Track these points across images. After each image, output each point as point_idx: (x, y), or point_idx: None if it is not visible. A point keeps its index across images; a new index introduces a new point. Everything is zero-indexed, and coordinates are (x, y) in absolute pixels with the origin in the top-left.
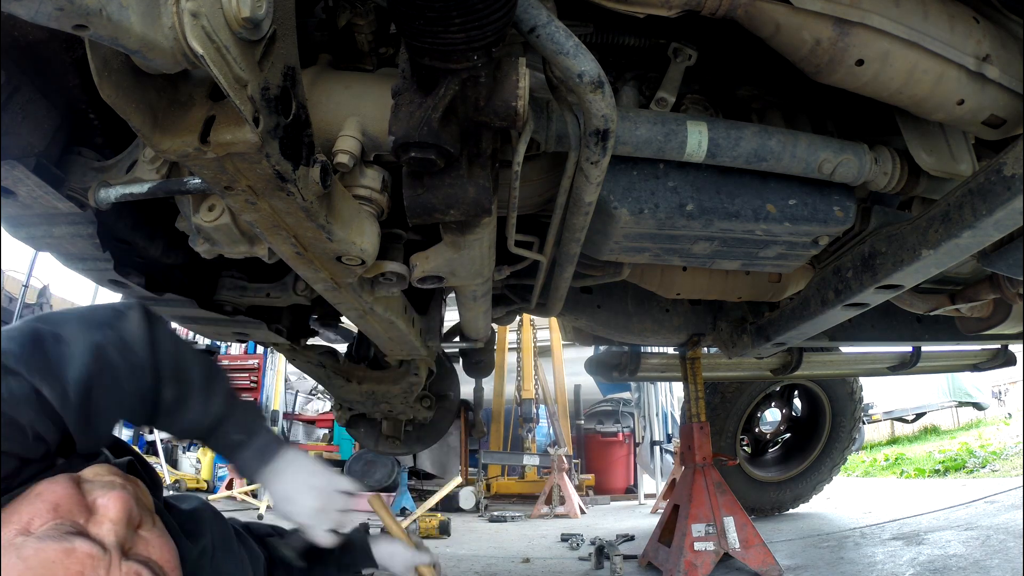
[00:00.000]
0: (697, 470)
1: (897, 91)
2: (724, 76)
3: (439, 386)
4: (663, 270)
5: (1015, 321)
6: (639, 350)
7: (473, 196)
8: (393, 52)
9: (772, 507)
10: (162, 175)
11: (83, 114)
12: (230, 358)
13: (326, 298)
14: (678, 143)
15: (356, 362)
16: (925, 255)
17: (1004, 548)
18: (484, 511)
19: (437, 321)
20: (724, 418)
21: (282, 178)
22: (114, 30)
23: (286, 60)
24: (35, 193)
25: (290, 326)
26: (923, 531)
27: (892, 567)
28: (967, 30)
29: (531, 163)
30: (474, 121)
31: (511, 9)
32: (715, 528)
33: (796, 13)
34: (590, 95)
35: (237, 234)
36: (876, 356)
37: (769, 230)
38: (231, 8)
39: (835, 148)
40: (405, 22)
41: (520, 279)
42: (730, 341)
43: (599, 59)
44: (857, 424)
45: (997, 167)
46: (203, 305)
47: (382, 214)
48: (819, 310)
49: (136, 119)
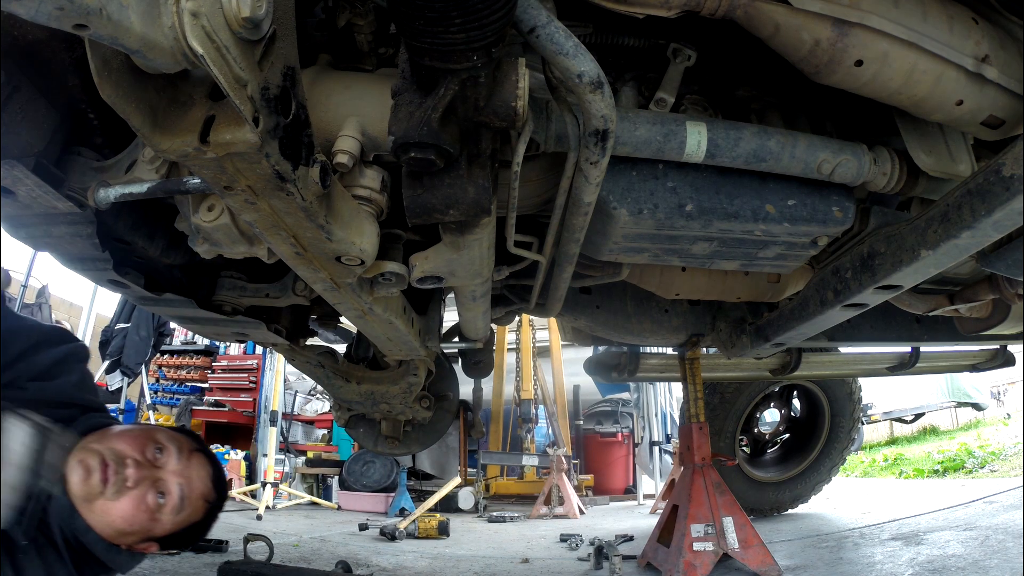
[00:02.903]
0: (696, 470)
1: (896, 91)
2: (723, 77)
3: (438, 386)
4: (662, 270)
5: (1014, 321)
6: (638, 350)
7: (472, 196)
8: (393, 52)
9: (771, 507)
10: (161, 175)
11: (83, 114)
12: (229, 358)
13: (325, 298)
14: (677, 143)
15: (355, 362)
16: (924, 255)
17: (1003, 548)
18: (483, 511)
19: (436, 321)
20: (723, 418)
21: (282, 178)
22: (114, 30)
23: (286, 60)
24: (34, 193)
25: (289, 326)
26: (922, 531)
27: (891, 567)
28: (966, 30)
29: (530, 163)
30: (474, 121)
31: (511, 9)
32: (714, 528)
33: (795, 14)
34: (589, 95)
35: (236, 234)
36: (875, 356)
37: (768, 230)
38: (231, 8)
39: (834, 148)
40: (405, 22)
41: (519, 279)
42: (729, 341)
43: (598, 59)
44: (856, 424)
45: (996, 168)
46: (202, 305)
47: (381, 214)
48: (818, 310)
49: (136, 119)
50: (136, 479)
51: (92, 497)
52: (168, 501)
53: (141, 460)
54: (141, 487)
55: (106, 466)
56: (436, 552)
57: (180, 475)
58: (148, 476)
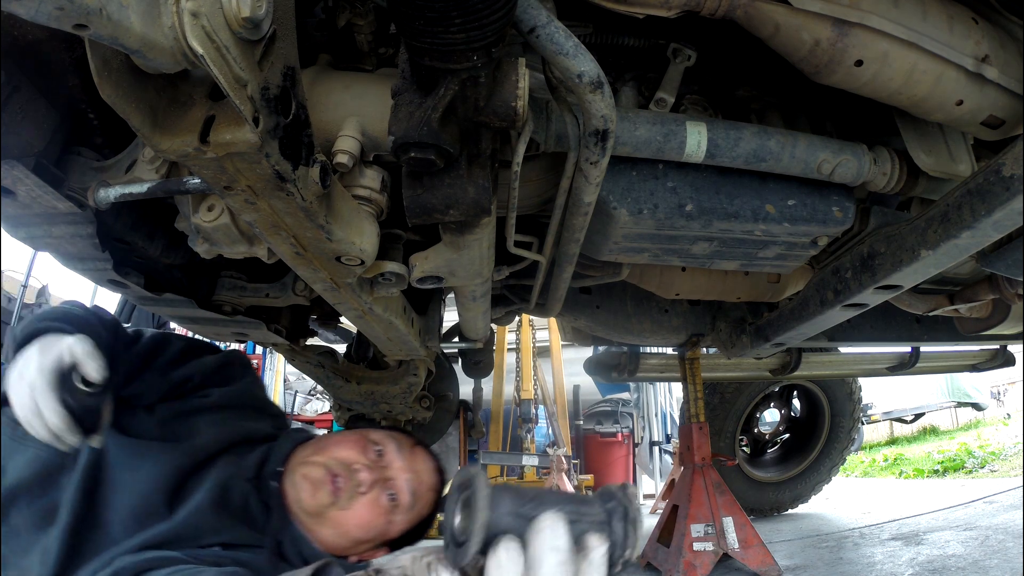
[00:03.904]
0: (696, 470)
1: (896, 91)
2: (723, 77)
3: (438, 386)
4: (662, 270)
5: (1014, 321)
6: (638, 350)
7: (472, 196)
8: (393, 52)
9: (771, 507)
10: (161, 175)
11: (83, 114)
12: None
13: (325, 298)
14: (677, 143)
15: (355, 362)
16: (924, 255)
17: (1003, 548)
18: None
19: (436, 321)
20: (723, 418)
21: (282, 178)
22: (114, 30)
23: (286, 60)
24: (34, 193)
25: (289, 326)
26: (922, 531)
27: (891, 567)
28: (966, 30)
29: (530, 163)
30: (474, 121)
31: (511, 9)
32: (714, 528)
33: (795, 14)
34: (589, 95)
35: (236, 234)
36: (875, 356)
37: (768, 230)
38: (231, 8)
39: (834, 148)
40: (405, 22)
41: (519, 279)
42: (729, 341)
43: (598, 59)
44: (856, 424)
45: (996, 168)
46: (202, 305)
47: (381, 214)
48: (818, 310)
49: (136, 119)
50: (369, 482)
51: (324, 510)
52: (400, 500)
53: (368, 463)
54: (374, 490)
55: (334, 476)
56: None
57: (408, 471)
58: (379, 478)
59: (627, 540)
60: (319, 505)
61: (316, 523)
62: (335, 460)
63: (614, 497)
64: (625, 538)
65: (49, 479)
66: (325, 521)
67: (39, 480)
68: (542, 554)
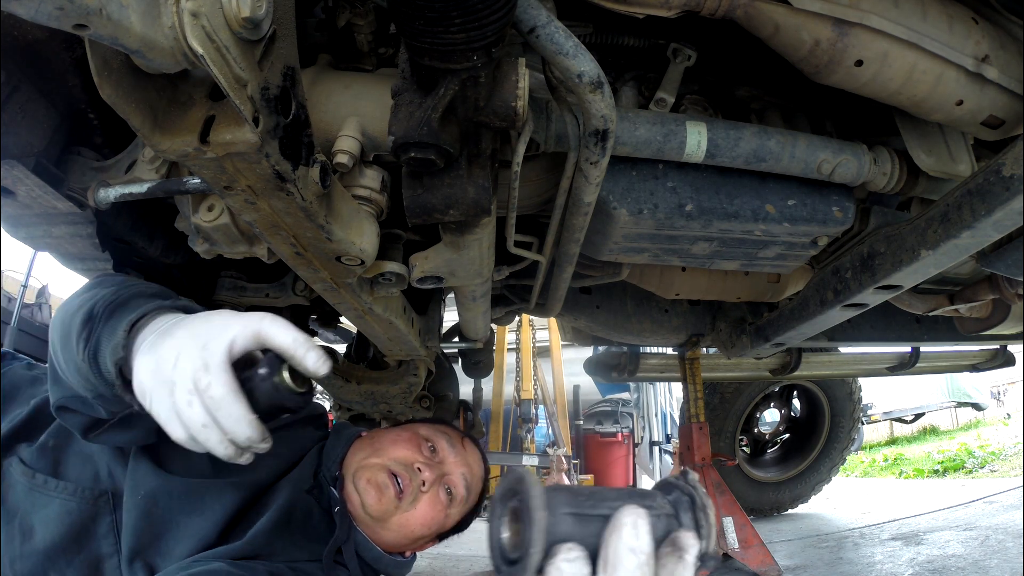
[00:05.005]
0: (696, 470)
1: (896, 91)
2: (723, 76)
3: (438, 386)
4: (662, 270)
5: (1014, 321)
6: (638, 350)
7: (472, 196)
8: (393, 52)
9: (771, 507)
10: (161, 175)
11: (83, 114)
12: None
13: (325, 298)
14: (677, 143)
15: (355, 362)
16: (924, 255)
17: (1003, 548)
18: (483, 511)
19: (436, 321)
20: (723, 418)
21: (282, 178)
22: (114, 30)
23: (286, 60)
24: (34, 193)
25: None
26: (922, 531)
27: (891, 567)
28: (966, 30)
29: (530, 163)
30: (474, 121)
31: (511, 9)
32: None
33: (795, 14)
34: (589, 95)
35: (236, 234)
36: (875, 356)
37: (768, 230)
38: (231, 8)
39: (834, 148)
40: (405, 22)
41: (519, 279)
42: (729, 341)
43: (598, 59)
44: (856, 424)
45: (996, 168)
46: (202, 305)
47: (381, 214)
48: (818, 310)
49: (136, 119)
50: (431, 481)
51: (390, 514)
52: (456, 494)
53: (427, 460)
54: (433, 488)
55: (398, 477)
56: (436, 552)
57: (462, 465)
58: (438, 475)
59: (701, 532)
60: (386, 510)
61: (380, 526)
62: (395, 461)
63: (676, 487)
64: (699, 529)
65: (84, 532)
66: (388, 525)
67: (74, 536)
68: (619, 556)
